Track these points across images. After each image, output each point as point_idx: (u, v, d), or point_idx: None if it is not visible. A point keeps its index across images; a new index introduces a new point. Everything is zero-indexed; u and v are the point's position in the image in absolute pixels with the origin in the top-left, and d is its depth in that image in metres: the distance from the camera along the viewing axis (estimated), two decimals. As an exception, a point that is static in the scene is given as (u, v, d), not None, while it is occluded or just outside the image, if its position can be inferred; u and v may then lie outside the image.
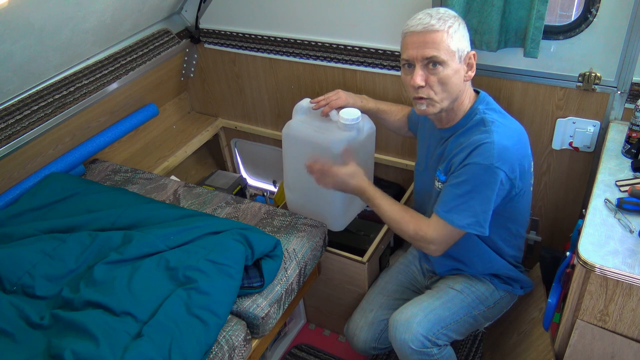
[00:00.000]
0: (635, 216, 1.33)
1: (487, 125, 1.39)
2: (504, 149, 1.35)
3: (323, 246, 1.78)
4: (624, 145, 1.56)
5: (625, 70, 1.62)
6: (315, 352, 2.12)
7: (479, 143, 1.37)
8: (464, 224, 1.40)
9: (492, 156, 1.34)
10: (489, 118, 1.41)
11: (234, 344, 1.42)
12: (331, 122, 1.77)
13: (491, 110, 1.44)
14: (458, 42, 1.36)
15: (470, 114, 1.45)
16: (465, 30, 1.39)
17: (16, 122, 1.84)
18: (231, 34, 2.33)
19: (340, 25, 2.04)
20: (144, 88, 2.34)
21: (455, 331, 1.59)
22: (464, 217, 1.39)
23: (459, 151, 1.41)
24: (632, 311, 1.24)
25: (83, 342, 1.25)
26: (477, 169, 1.36)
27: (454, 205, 1.40)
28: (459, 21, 1.39)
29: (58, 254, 1.53)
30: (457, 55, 1.37)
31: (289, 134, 1.82)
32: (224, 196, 1.93)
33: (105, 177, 2.07)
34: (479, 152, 1.36)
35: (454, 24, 1.36)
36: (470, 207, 1.39)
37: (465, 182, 1.39)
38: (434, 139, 1.57)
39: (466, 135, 1.43)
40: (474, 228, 1.40)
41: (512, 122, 1.47)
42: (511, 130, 1.42)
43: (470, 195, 1.38)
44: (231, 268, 1.46)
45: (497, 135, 1.36)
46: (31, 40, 1.70)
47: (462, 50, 1.38)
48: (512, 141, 1.39)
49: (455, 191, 1.41)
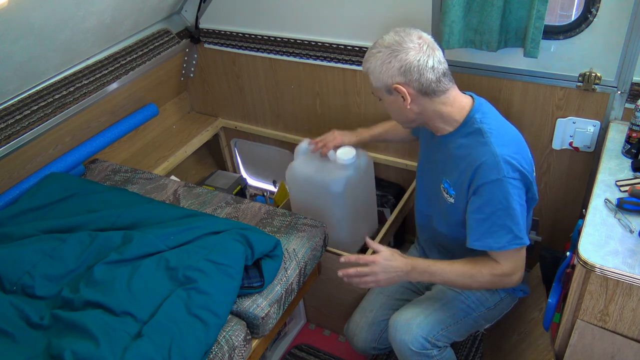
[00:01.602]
0: (635, 216, 1.33)
1: (485, 136, 1.38)
2: (508, 157, 1.34)
3: (323, 246, 1.78)
4: (624, 145, 1.56)
5: (625, 70, 1.62)
6: (315, 352, 2.12)
7: (482, 160, 1.35)
8: (502, 244, 1.38)
9: (500, 169, 1.33)
10: (486, 128, 1.39)
11: (234, 344, 1.42)
12: (330, 161, 1.87)
13: (487, 119, 1.42)
14: (377, 79, 1.39)
15: (467, 123, 1.42)
16: (388, 64, 1.36)
17: (16, 122, 1.84)
18: (231, 34, 2.33)
19: (341, 25, 2.04)
20: (143, 88, 2.34)
21: (455, 333, 1.59)
22: (498, 237, 1.38)
23: (465, 168, 1.40)
24: (632, 311, 1.24)
25: (83, 342, 1.25)
26: (490, 188, 1.35)
27: (484, 230, 1.39)
28: (379, 57, 1.37)
29: (58, 254, 1.52)
30: (384, 89, 1.41)
31: (292, 177, 1.94)
32: (224, 196, 1.93)
33: (105, 177, 2.07)
34: (484, 171, 1.35)
35: (372, 64, 1.39)
36: (501, 227, 1.37)
37: (485, 204, 1.37)
38: (433, 147, 1.56)
39: (467, 148, 1.41)
40: (514, 243, 1.37)
41: (509, 128, 1.46)
42: (509, 137, 1.42)
43: (497, 215, 1.36)
44: (231, 268, 1.46)
45: (497, 145, 1.36)
46: (31, 40, 1.70)
47: (386, 85, 1.39)
48: (513, 148, 1.38)
49: (479, 216, 1.39)
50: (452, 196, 1.48)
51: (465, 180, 1.41)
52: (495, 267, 1.42)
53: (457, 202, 1.48)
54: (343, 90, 2.20)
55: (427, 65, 1.35)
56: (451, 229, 1.56)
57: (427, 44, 1.36)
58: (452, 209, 1.50)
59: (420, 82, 1.36)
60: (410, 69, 1.35)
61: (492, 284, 1.45)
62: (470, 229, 1.43)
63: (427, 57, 1.35)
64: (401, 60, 1.35)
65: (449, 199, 1.50)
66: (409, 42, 1.35)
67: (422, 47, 1.35)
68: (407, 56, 1.34)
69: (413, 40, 1.35)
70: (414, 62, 1.34)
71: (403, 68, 1.35)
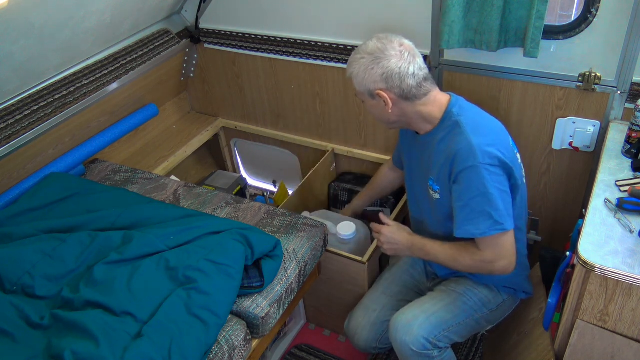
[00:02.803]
0: (635, 216, 1.33)
1: (461, 127, 1.42)
2: (483, 145, 1.37)
3: (323, 246, 1.78)
4: (624, 145, 1.55)
5: (625, 70, 1.62)
6: (315, 352, 2.12)
7: (457, 148, 1.40)
8: (483, 230, 1.40)
9: (475, 155, 1.37)
10: (463, 120, 1.43)
11: (234, 344, 1.42)
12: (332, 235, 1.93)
13: (464, 111, 1.46)
14: (360, 84, 1.46)
15: (446, 119, 1.47)
16: (371, 71, 1.42)
17: (16, 122, 1.84)
18: (231, 34, 2.33)
19: (340, 26, 2.04)
20: (143, 88, 2.34)
21: (457, 334, 1.59)
22: (478, 223, 1.40)
23: (445, 161, 1.44)
24: (632, 311, 1.24)
25: (83, 342, 1.25)
26: (466, 175, 1.39)
27: (464, 217, 1.42)
28: (363, 64, 1.43)
29: (58, 254, 1.53)
30: (367, 94, 1.47)
31: None
32: (224, 196, 1.93)
33: (105, 177, 2.07)
34: (460, 158, 1.39)
35: (356, 69, 1.45)
36: (480, 213, 1.39)
37: (463, 192, 1.41)
38: (417, 148, 1.59)
39: (446, 141, 1.45)
40: (495, 228, 1.39)
41: (487, 119, 1.50)
42: (486, 127, 1.45)
43: (475, 201, 1.39)
44: (231, 268, 1.46)
45: (472, 134, 1.40)
46: (31, 40, 1.70)
47: (369, 90, 1.45)
48: (490, 137, 1.41)
49: (459, 204, 1.43)
50: (436, 192, 1.52)
51: (445, 171, 1.45)
52: (475, 253, 1.46)
53: (442, 197, 1.51)
54: (343, 90, 2.20)
55: (407, 72, 1.41)
56: (442, 225, 1.58)
57: (408, 52, 1.42)
58: (438, 204, 1.54)
59: (401, 88, 1.42)
60: (391, 76, 1.41)
61: (477, 269, 1.49)
62: (454, 219, 1.46)
63: (408, 64, 1.41)
64: (383, 67, 1.41)
65: (434, 195, 1.53)
66: (390, 49, 1.41)
67: (403, 54, 1.41)
68: (389, 63, 1.40)
69: (395, 47, 1.41)
70: (395, 69, 1.40)
71: (385, 75, 1.41)
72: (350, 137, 2.34)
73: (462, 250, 1.48)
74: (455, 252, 1.50)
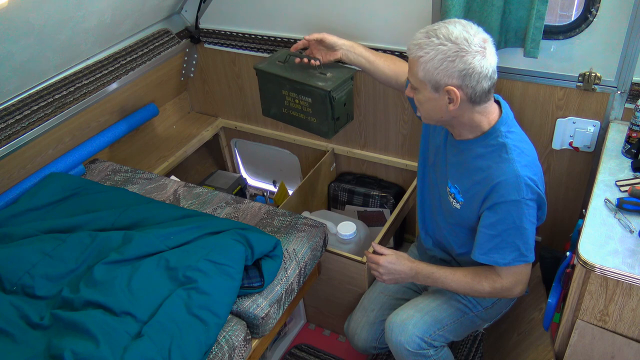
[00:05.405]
0: (635, 216, 1.33)
1: (509, 153, 1.34)
2: (529, 180, 1.33)
3: (323, 246, 1.78)
4: (624, 145, 1.56)
5: (625, 70, 1.62)
6: (315, 352, 2.12)
7: (503, 178, 1.33)
8: (508, 261, 1.39)
9: (521, 190, 1.32)
10: (510, 144, 1.34)
11: (234, 344, 1.42)
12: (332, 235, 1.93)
13: (512, 134, 1.37)
14: (429, 73, 1.27)
15: (491, 135, 1.37)
16: (451, 63, 1.24)
17: (16, 122, 1.84)
18: (231, 34, 2.33)
19: (340, 26, 2.03)
20: (143, 88, 2.34)
21: (452, 332, 1.59)
22: (505, 254, 1.38)
23: (483, 182, 1.38)
24: (632, 311, 1.24)
25: (83, 342, 1.25)
26: (507, 207, 1.34)
27: (492, 246, 1.39)
28: (442, 51, 1.24)
29: (58, 254, 1.53)
30: (430, 85, 1.29)
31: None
32: (224, 196, 1.93)
33: (105, 177, 2.07)
34: (505, 190, 1.33)
35: (429, 54, 1.25)
36: (510, 244, 1.37)
37: (498, 222, 1.37)
38: (450, 146, 1.50)
39: (488, 161, 1.37)
40: (520, 260, 1.39)
41: (529, 145, 1.42)
42: (531, 156, 1.39)
43: (508, 233, 1.36)
44: (231, 268, 1.46)
45: (520, 165, 1.32)
46: (31, 40, 1.70)
47: (437, 82, 1.27)
48: (533, 168, 1.36)
49: (490, 232, 1.39)
50: (459, 202, 1.47)
51: (480, 193, 1.39)
52: (496, 280, 1.44)
53: (463, 210, 1.47)
54: (343, 90, 2.20)
55: (486, 75, 1.26)
56: (452, 228, 1.57)
57: (490, 50, 1.27)
58: (456, 213, 1.50)
59: (474, 90, 1.27)
60: (471, 75, 1.25)
61: (491, 295, 1.48)
62: (478, 243, 1.42)
63: (488, 65, 1.26)
64: (465, 62, 1.23)
65: (454, 204, 1.49)
66: (476, 43, 1.24)
67: (486, 51, 1.25)
68: (473, 60, 1.23)
69: (480, 42, 1.25)
70: (477, 69, 1.24)
71: (465, 72, 1.24)
72: (350, 137, 2.34)
73: (480, 277, 1.45)
74: (471, 280, 1.46)
